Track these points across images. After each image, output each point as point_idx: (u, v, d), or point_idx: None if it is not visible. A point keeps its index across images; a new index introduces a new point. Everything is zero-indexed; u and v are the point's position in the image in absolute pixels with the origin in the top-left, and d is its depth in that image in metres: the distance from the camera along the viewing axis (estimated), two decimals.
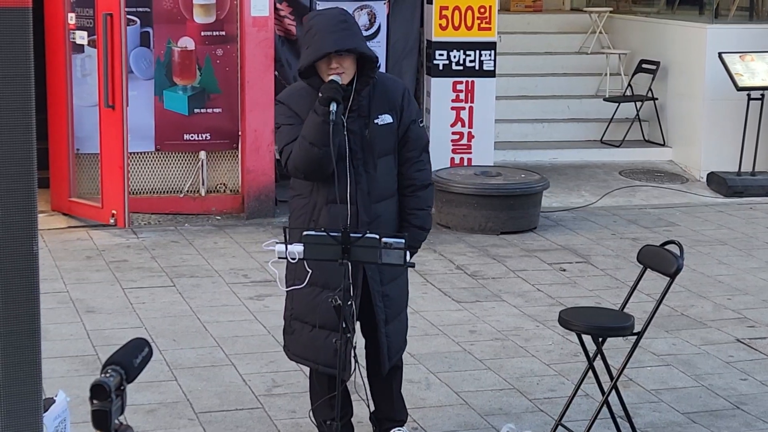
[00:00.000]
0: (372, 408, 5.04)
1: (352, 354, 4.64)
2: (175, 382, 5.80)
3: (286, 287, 4.83)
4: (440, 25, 10.02)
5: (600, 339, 5.08)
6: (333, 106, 4.51)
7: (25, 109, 3.01)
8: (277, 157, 9.30)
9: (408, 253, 4.64)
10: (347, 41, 4.55)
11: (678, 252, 5.05)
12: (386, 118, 4.73)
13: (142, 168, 9.26)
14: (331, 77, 4.58)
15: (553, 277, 7.87)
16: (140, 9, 9.02)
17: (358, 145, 4.69)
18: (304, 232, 4.42)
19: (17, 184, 3.04)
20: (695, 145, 11.10)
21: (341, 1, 9.56)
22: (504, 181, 9.20)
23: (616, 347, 5.92)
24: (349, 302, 4.54)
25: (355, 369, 4.67)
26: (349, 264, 4.39)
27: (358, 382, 4.91)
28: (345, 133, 4.64)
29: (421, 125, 4.88)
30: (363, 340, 4.94)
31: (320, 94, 4.55)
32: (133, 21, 8.99)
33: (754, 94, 10.52)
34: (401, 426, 5.05)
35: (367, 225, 4.67)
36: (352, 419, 5.07)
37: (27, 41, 2.98)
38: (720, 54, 10.61)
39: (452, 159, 10.10)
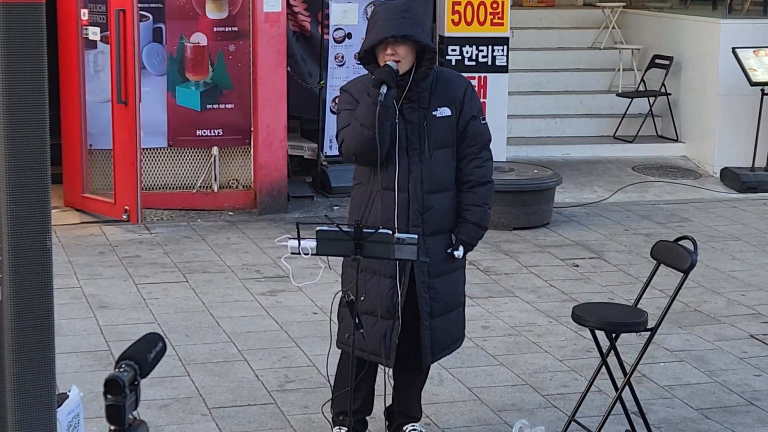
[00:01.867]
0: (388, 402, 5.04)
1: (392, 344, 4.69)
2: (188, 377, 5.81)
3: (342, 276, 4.86)
4: (453, 20, 10.01)
5: (613, 335, 5.07)
6: (383, 89, 4.58)
7: (38, 105, 3.01)
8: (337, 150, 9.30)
9: (462, 249, 4.71)
10: (404, 28, 4.61)
11: (691, 248, 5.03)
12: (445, 111, 4.77)
13: (155, 164, 9.27)
14: (386, 62, 4.63)
15: (566, 273, 7.86)
16: (153, 5, 9.02)
17: (415, 135, 4.73)
18: (317, 227, 4.43)
19: (31, 180, 3.05)
20: (708, 140, 11.06)
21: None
22: (517, 176, 9.18)
23: (629, 343, 5.91)
24: (362, 297, 4.55)
25: (392, 359, 4.71)
26: (360, 259, 4.39)
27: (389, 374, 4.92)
28: (398, 119, 4.69)
29: (483, 122, 4.89)
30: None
31: (373, 77, 4.62)
32: (146, 17, 8.99)
33: None
34: (415, 422, 5.05)
35: (419, 214, 4.70)
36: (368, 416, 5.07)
37: (40, 37, 2.98)
38: (733, 49, 10.57)
39: None
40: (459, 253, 4.77)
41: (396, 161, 4.70)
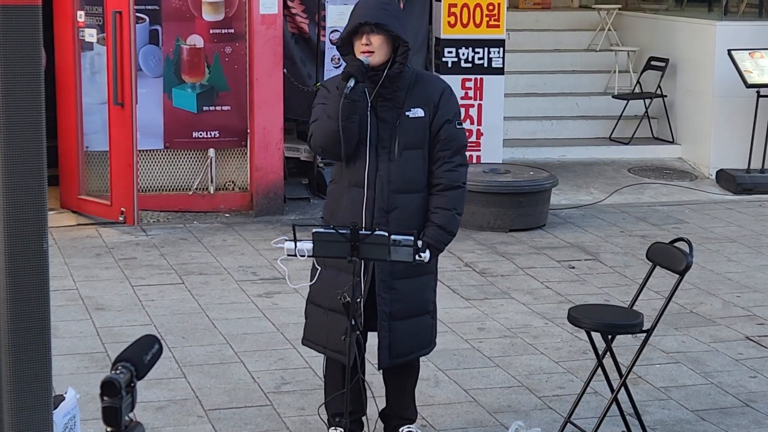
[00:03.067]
0: (382, 405, 5.05)
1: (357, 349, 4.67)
2: (185, 379, 5.81)
3: (310, 280, 4.84)
4: (449, 22, 10.02)
5: (609, 336, 5.08)
6: (351, 82, 4.60)
7: (34, 107, 3.01)
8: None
9: (428, 253, 4.67)
10: (377, 16, 4.62)
11: (687, 249, 5.04)
12: (418, 112, 4.76)
13: (151, 165, 9.27)
14: (359, 57, 4.65)
15: (562, 275, 7.87)
16: (149, 7, 9.03)
17: (387, 133, 4.74)
18: (314, 229, 4.43)
19: (27, 182, 3.05)
20: (704, 142, 11.08)
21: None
22: (513, 178, 9.19)
23: (625, 345, 5.92)
24: (359, 299, 4.55)
25: (364, 364, 4.69)
26: (357, 261, 4.40)
27: (369, 380, 4.92)
28: (370, 116, 4.70)
29: (458, 126, 4.84)
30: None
31: (345, 70, 4.65)
32: (142, 19, 9.00)
33: (764, 91, 10.49)
34: (410, 424, 5.06)
35: (384, 213, 4.69)
36: (365, 417, 5.07)
37: (36, 39, 2.98)
38: (729, 51, 10.59)
39: None
40: (425, 256, 4.67)
41: (366, 158, 4.71)
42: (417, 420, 5.15)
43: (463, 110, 10.03)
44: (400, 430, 5.03)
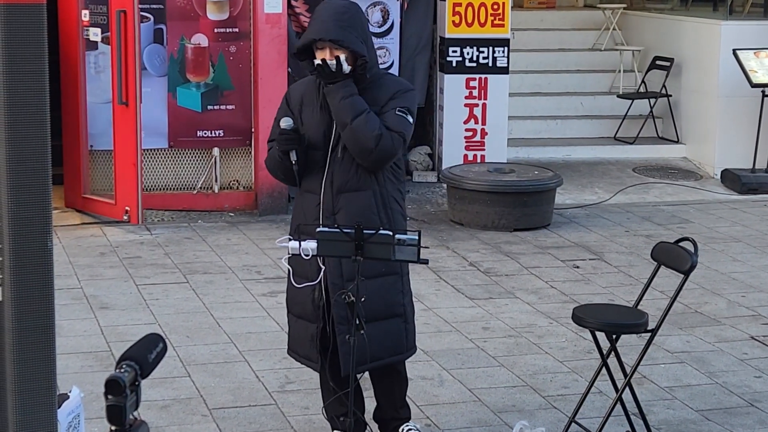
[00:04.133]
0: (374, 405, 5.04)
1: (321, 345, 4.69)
2: (189, 378, 5.81)
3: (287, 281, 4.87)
4: (453, 21, 10.01)
5: (614, 336, 5.07)
6: (293, 156, 4.68)
7: (39, 106, 3.01)
8: None
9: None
10: (339, 32, 4.56)
11: (692, 249, 5.03)
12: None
13: (156, 165, 9.28)
14: (281, 124, 4.72)
15: (567, 274, 7.86)
16: (154, 6, 9.03)
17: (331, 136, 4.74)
18: (318, 229, 4.43)
19: (31, 181, 3.05)
20: (709, 142, 11.06)
21: None
22: (517, 177, 9.18)
23: (629, 344, 5.91)
24: (363, 298, 4.54)
25: (320, 363, 4.72)
26: (361, 260, 4.39)
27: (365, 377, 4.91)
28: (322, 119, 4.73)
29: (398, 113, 4.69)
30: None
31: (278, 147, 4.71)
32: (147, 18, 9.00)
33: None
34: (408, 421, 5.03)
35: (330, 215, 4.69)
36: (365, 415, 5.06)
37: (41, 38, 2.98)
38: (734, 51, 10.58)
39: (465, 156, 10.10)
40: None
41: (318, 164, 4.73)
42: (421, 419, 5.15)
43: (467, 110, 10.07)
44: (401, 429, 5.00)
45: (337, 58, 4.58)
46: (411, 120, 4.75)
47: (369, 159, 4.64)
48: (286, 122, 4.70)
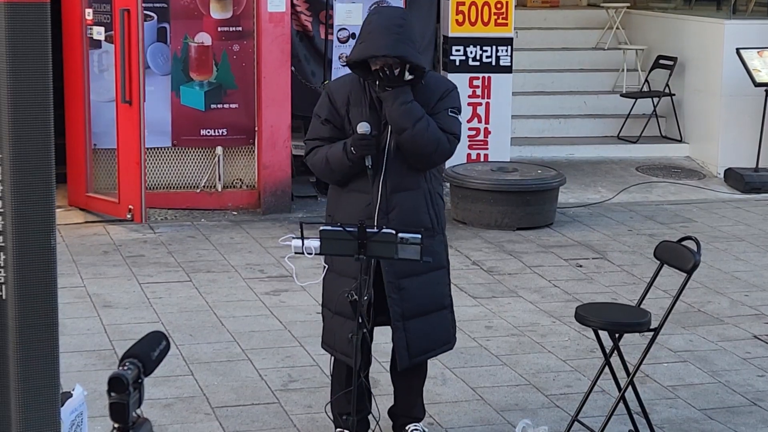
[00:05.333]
0: (389, 403, 5.05)
1: (368, 348, 4.67)
2: (192, 376, 5.82)
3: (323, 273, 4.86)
4: (457, 20, 10.01)
5: (616, 335, 5.07)
6: (368, 161, 4.66)
7: (42, 104, 3.02)
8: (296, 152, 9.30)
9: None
10: (398, 47, 4.60)
11: (695, 248, 5.03)
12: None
13: (159, 163, 9.28)
14: (358, 129, 4.65)
15: (570, 273, 7.86)
16: (157, 5, 9.04)
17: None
18: (321, 227, 4.44)
19: (35, 179, 3.05)
20: (712, 141, 11.06)
21: None
22: (520, 176, 9.18)
23: (632, 343, 5.91)
24: (366, 297, 4.55)
25: (369, 363, 4.70)
26: (364, 259, 4.40)
27: (376, 378, 4.92)
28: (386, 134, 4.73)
29: (451, 114, 4.83)
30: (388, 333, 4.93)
31: (352, 148, 4.65)
32: (150, 16, 9.00)
33: None
34: (417, 422, 5.06)
35: (384, 214, 4.70)
36: (370, 416, 5.07)
37: (45, 37, 2.99)
38: (738, 50, 10.57)
39: (468, 155, 10.10)
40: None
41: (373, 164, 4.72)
42: (424, 418, 5.15)
43: (470, 109, 10.06)
44: (407, 428, 5.03)
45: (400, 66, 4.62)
46: (460, 120, 4.90)
47: (427, 162, 4.79)
48: (364, 127, 4.66)
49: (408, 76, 4.70)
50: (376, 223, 4.66)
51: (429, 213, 4.82)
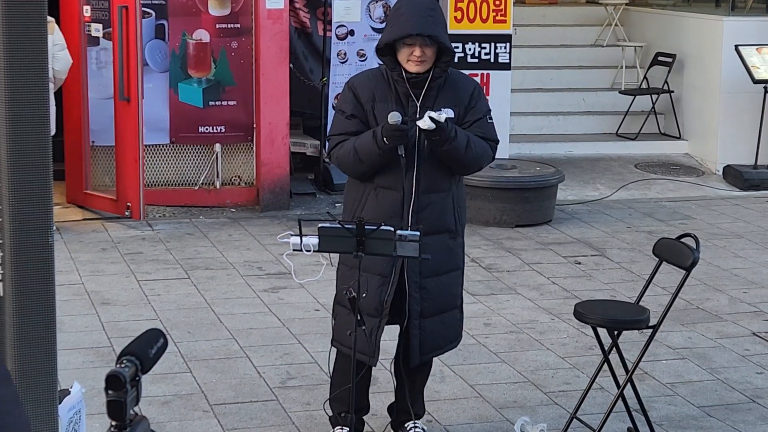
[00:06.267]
0: (388, 401, 5.04)
1: (374, 342, 4.67)
2: (190, 374, 5.81)
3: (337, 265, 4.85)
4: (455, 17, 10.00)
5: (615, 332, 5.07)
6: (401, 150, 4.62)
7: (40, 101, 3.01)
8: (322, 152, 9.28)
9: (439, 117, 4.55)
10: (430, 27, 4.57)
11: (694, 245, 5.03)
12: (449, 112, 4.74)
13: (157, 160, 9.28)
14: (389, 119, 4.58)
15: (568, 270, 7.86)
16: (155, 1, 9.03)
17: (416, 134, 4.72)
18: (319, 224, 4.43)
19: (33, 176, 3.05)
20: (711, 138, 11.06)
21: None
22: (519, 174, 9.18)
23: (631, 340, 5.91)
24: (364, 294, 4.54)
25: (377, 357, 4.70)
26: (362, 256, 4.39)
27: (375, 376, 4.91)
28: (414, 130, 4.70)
29: (489, 121, 4.91)
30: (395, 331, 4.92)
31: (384, 138, 4.58)
32: (149, 13, 8.99)
33: None
34: (417, 420, 5.05)
35: (414, 214, 4.68)
36: (365, 416, 5.07)
37: (42, 33, 2.98)
38: (736, 46, 10.56)
39: None
40: (433, 115, 4.57)
41: (401, 161, 4.66)
42: (424, 415, 5.15)
43: None
44: (406, 425, 5.02)
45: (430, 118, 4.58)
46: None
47: (474, 171, 4.94)
48: (395, 117, 4.59)
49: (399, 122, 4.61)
50: (408, 223, 4.64)
51: (454, 215, 4.82)
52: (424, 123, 4.56)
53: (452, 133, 4.63)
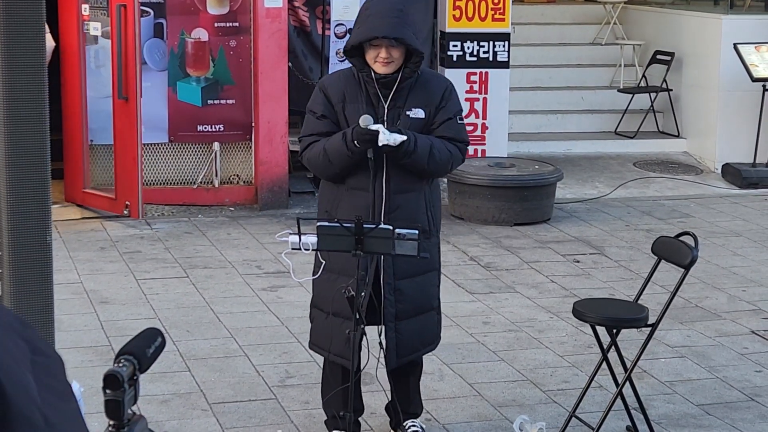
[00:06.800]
0: (385, 401, 5.04)
1: (363, 345, 4.66)
2: (189, 372, 5.81)
3: (313, 274, 4.83)
4: (454, 15, 10.00)
5: (614, 330, 5.07)
6: (370, 153, 4.59)
7: (37, 100, 3.01)
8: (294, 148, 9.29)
9: (392, 136, 4.52)
10: (397, 29, 4.56)
11: (692, 243, 5.03)
12: (419, 113, 4.73)
13: (156, 159, 9.27)
14: (360, 122, 4.57)
15: (567, 269, 7.86)
16: (154, 0, 9.02)
17: None
18: (318, 223, 4.42)
19: (30, 175, 3.05)
20: (710, 136, 11.05)
21: None
22: (518, 172, 9.18)
23: (630, 339, 5.91)
24: (362, 293, 4.54)
25: (368, 361, 4.68)
26: (361, 254, 4.39)
27: (372, 374, 4.91)
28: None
29: (459, 122, 4.84)
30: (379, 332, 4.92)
31: (354, 141, 4.57)
32: (147, 12, 8.99)
33: None
34: (415, 419, 5.05)
35: (385, 215, 4.68)
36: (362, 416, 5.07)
37: (40, 32, 2.98)
38: (735, 45, 10.56)
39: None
40: (386, 135, 4.54)
41: (370, 162, 4.67)
42: (422, 414, 5.15)
43: (468, 104, 10.05)
44: (404, 424, 5.02)
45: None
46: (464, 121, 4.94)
47: (442, 175, 5.02)
48: (366, 120, 4.58)
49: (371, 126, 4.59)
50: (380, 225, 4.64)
51: (427, 214, 4.81)
52: (381, 141, 4.56)
53: (411, 147, 4.61)
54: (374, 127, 4.55)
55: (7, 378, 1.46)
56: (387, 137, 4.54)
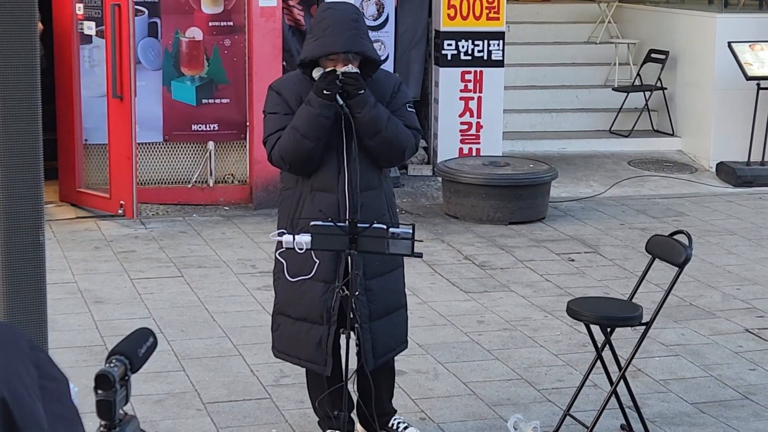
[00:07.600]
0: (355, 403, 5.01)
1: (331, 347, 4.65)
2: (183, 372, 5.81)
3: (273, 280, 4.84)
4: (448, 14, 10.00)
5: (608, 329, 5.07)
6: (339, 99, 4.57)
7: (30, 100, 3.00)
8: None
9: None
10: (357, 43, 4.56)
11: (687, 242, 5.03)
12: None
13: (150, 158, 9.26)
14: (316, 74, 4.57)
15: (562, 267, 7.86)
16: None
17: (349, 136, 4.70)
18: (312, 222, 4.42)
19: (24, 175, 3.04)
20: (704, 134, 11.06)
21: None
22: (512, 171, 9.18)
23: (624, 337, 5.91)
24: (357, 293, 4.54)
25: (330, 365, 4.68)
26: (350, 254, 4.39)
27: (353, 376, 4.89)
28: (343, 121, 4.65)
29: (410, 110, 4.81)
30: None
31: (323, 91, 4.55)
32: (141, 11, 8.98)
33: (764, 83, 10.48)
34: (397, 415, 5.02)
35: (353, 213, 4.66)
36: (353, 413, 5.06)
37: (32, 31, 2.97)
38: (729, 43, 10.57)
39: (460, 149, 10.09)
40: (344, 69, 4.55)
41: (333, 162, 4.66)
42: (416, 413, 5.15)
43: (462, 103, 10.06)
44: (393, 421, 4.99)
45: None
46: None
47: (400, 159, 4.81)
48: (319, 70, 4.58)
49: (352, 69, 4.60)
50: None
51: (388, 211, 4.81)
52: (341, 69, 4.54)
53: (371, 100, 4.59)
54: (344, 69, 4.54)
55: (19, 410, 1.46)
56: (346, 67, 4.54)
